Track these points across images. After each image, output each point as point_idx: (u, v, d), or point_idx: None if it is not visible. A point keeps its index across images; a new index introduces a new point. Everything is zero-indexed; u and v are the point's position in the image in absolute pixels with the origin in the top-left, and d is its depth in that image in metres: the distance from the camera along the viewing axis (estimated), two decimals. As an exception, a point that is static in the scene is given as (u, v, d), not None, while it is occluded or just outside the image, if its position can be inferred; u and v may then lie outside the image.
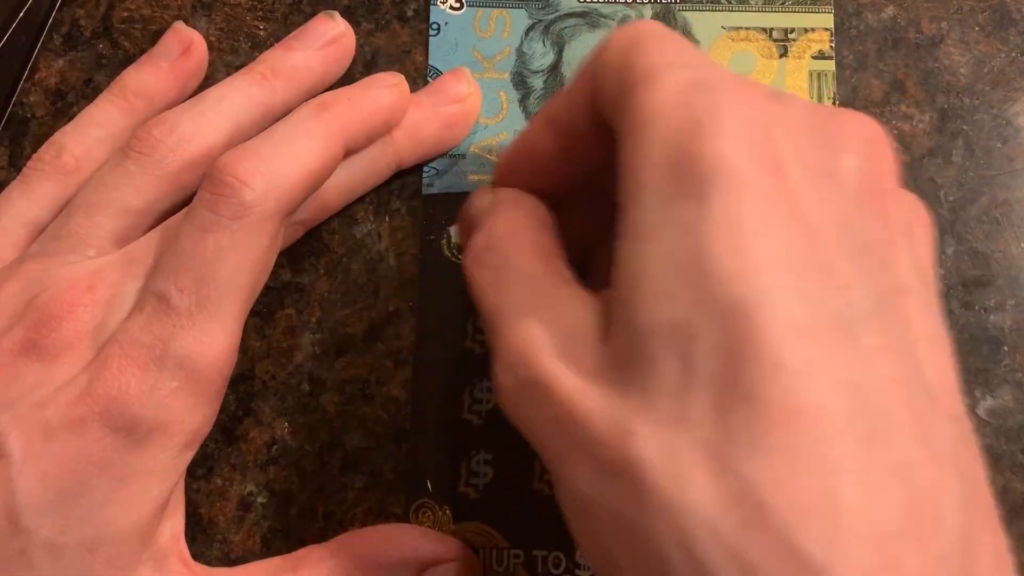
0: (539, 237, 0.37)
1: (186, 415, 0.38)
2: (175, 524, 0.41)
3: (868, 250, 0.30)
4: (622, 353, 0.30)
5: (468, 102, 0.48)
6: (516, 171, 0.40)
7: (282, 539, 0.45)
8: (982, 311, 0.46)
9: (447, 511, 0.45)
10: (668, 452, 0.28)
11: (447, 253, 0.47)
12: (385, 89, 0.45)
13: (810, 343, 0.28)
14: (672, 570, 0.27)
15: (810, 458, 0.27)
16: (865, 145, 0.32)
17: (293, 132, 0.41)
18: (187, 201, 0.42)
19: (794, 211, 0.29)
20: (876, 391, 0.28)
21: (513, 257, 0.36)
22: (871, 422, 0.28)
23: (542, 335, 0.32)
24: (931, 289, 0.32)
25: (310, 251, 0.48)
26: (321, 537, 0.44)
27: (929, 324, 0.31)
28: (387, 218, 0.48)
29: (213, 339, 0.38)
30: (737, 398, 0.27)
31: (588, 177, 0.39)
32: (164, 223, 0.41)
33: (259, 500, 0.45)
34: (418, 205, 0.48)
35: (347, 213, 0.48)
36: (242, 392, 0.46)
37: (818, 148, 0.31)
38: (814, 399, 0.27)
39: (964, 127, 0.48)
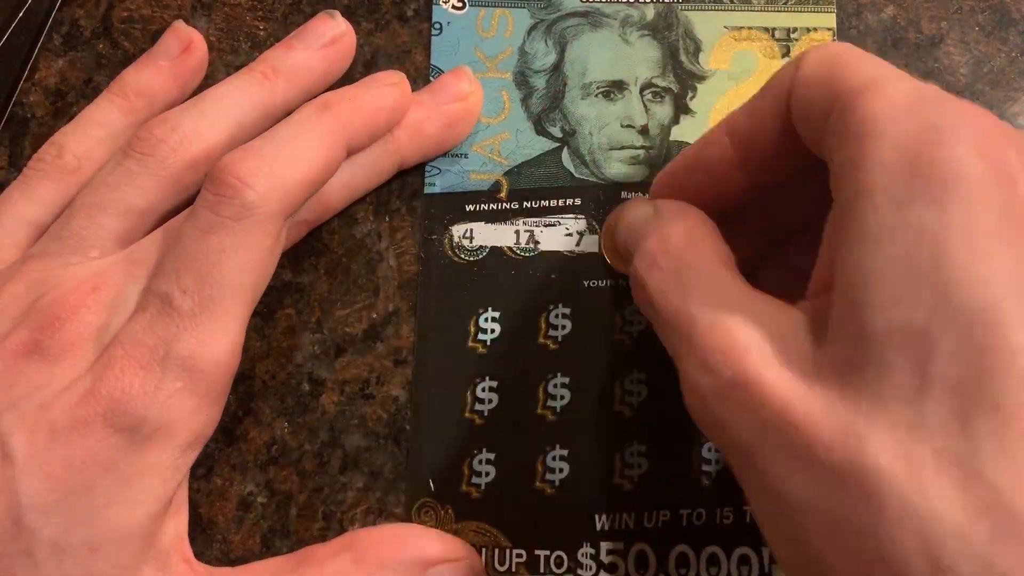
0: (719, 244, 0.37)
1: (189, 416, 0.38)
2: (178, 524, 0.41)
3: None
4: (846, 357, 0.30)
5: (470, 100, 0.48)
6: (685, 182, 0.40)
7: (282, 539, 0.45)
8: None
9: (449, 510, 0.45)
10: (906, 459, 0.27)
11: (448, 252, 0.47)
12: (386, 88, 0.45)
13: None
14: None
15: None
16: None
17: (295, 133, 0.41)
18: (189, 201, 0.42)
19: None
20: None
21: (694, 261, 0.36)
22: None
23: (748, 335, 0.32)
24: None
25: (310, 251, 0.47)
26: (321, 537, 0.45)
27: None
28: (387, 218, 0.48)
29: (216, 340, 0.38)
30: (982, 407, 0.27)
31: (757, 194, 0.40)
32: (166, 224, 0.41)
33: (259, 500, 0.45)
34: (419, 205, 0.48)
35: (347, 213, 0.48)
36: (242, 392, 0.46)
37: None
38: None
39: (964, 127, 0.48)
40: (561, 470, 0.45)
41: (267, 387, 0.46)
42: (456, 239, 0.47)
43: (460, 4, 0.50)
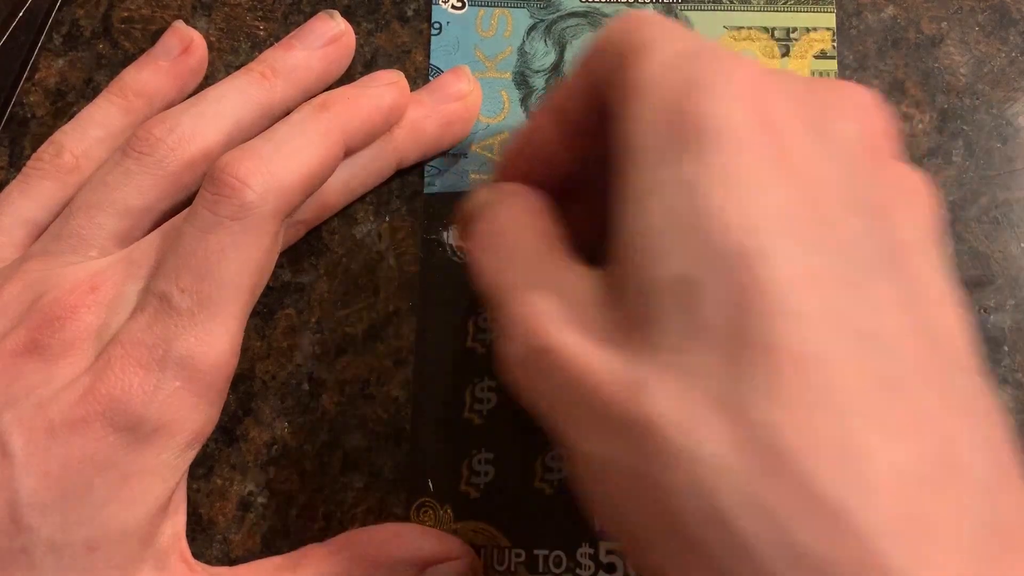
0: (541, 221, 0.37)
1: (188, 415, 0.38)
2: (176, 523, 0.41)
3: (868, 209, 0.30)
4: (629, 314, 0.30)
5: (468, 99, 0.48)
6: (518, 163, 0.40)
7: (282, 539, 0.45)
8: (982, 311, 0.46)
9: (448, 510, 0.45)
10: (680, 404, 0.28)
11: (448, 252, 0.47)
12: (385, 87, 0.45)
13: (817, 292, 0.28)
14: (690, 520, 0.27)
15: (825, 404, 0.27)
16: (861, 111, 0.33)
17: (293, 132, 0.41)
18: (188, 201, 0.42)
19: (792, 167, 0.29)
20: (886, 341, 0.28)
21: (516, 239, 0.36)
22: (884, 370, 0.28)
23: (548, 305, 0.32)
24: (936, 249, 0.32)
25: (310, 251, 0.48)
26: (321, 537, 0.44)
27: (936, 281, 0.31)
28: (387, 218, 0.48)
29: (215, 339, 0.38)
30: (746, 347, 0.27)
31: (588, 170, 0.39)
32: (165, 224, 0.41)
33: (259, 500, 0.45)
34: (418, 204, 0.48)
35: (347, 213, 0.48)
36: (242, 392, 0.46)
37: (814, 112, 0.31)
38: (824, 346, 0.27)
39: (964, 127, 0.48)
40: (560, 470, 0.45)
41: (267, 387, 0.46)
42: (456, 239, 0.47)
43: (460, 4, 0.50)
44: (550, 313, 0.32)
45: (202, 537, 0.45)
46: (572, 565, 0.44)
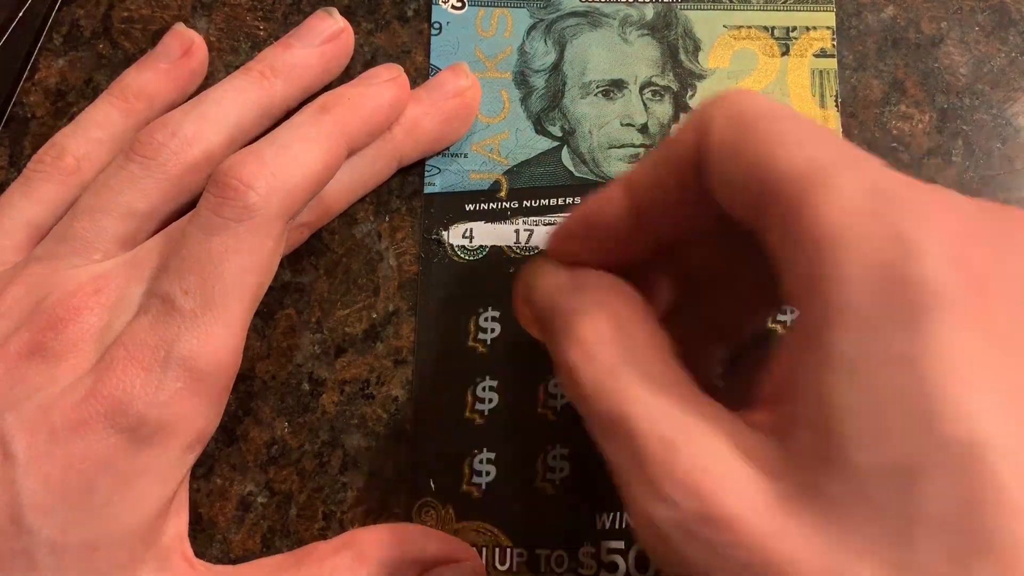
0: (657, 338, 0.34)
1: (190, 416, 0.38)
2: (178, 524, 0.41)
3: None
4: (825, 493, 0.28)
5: (467, 95, 0.48)
6: (583, 242, 0.38)
7: (282, 539, 0.45)
8: (982, 310, 0.46)
9: (450, 510, 0.45)
10: None
11: (449, 252, 0.47)
12: (385, 85, 0.45)
13: None
14: None
15: None
16: None
17: (296, 135, 0.41)
18: (191, 204, 0.42)
19: (1006, 339, 0.27)
20: None
21: (637, 357, 0.33)
22: None
23: (719, 464, 0.29)
24: None
25: (310, 251, 0.48)
26: (321, 537, 0.45)
27: None
28: (387, 218, 0.48)
29: (218, 340, 0.38)
30: (976, 548, 0.26)
31: (661, 250, 0.38)
32: (169, 227, 0.41)
33: (259, 500, 0.45)
34: (418, 204, 0.48)
35: (347, 213, 0.48)
36: (242, 392, 0.46)
37: (1004, 258, 0.29)
38: None
39: (964, 127, 0.48)
40: (562, 469, 0.45)
41: (267, 387, 0.46)
42: (456, 238, 0.47)
43: (459, 4, 0.50)
44: (723, 475, 0.29)
45: (202, 537, 0.45)
46: (574, 565, 0.44)
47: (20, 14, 0.50)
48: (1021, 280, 0.29)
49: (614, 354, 0.33)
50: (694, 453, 0.29)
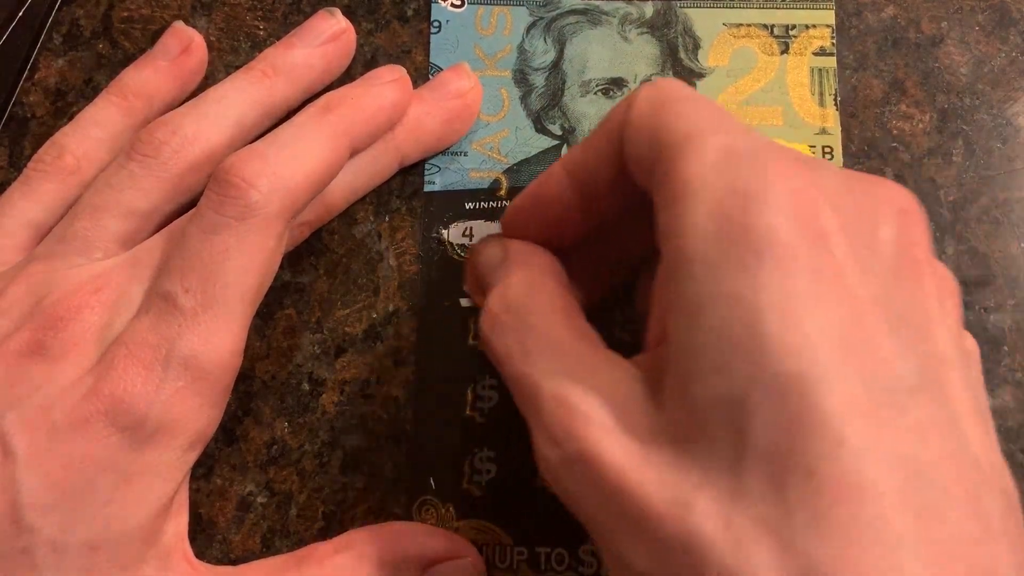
0: (559, 297, 0.37)
1: (191, 415, 0.38)
2: (179, 523, 0.41)
3: (907, 322, 0.30)
4: (676, 427, 0.30)
5: (469, 97, 0.48)
6: (528, 221, 0.40)
7: (282, 539, 0.45)
8: (982, 311, 0.46)
9: (450, 508, 0.45)
10: (728, 527, 0.28)
11: (449, 250, 0.47)
12: (387, 86, 0.45)
13: (866, 419, 0.28)
14: None
15: (872, 535, 0.27)
16: (899, 215, 0.32)
17: (298, 134, 0.41)
18: (191, 203, 0.42)
19: (841, 285, 0.29)
20: (928, 466, 0.28)
21: (536, 320, 0.36)
22: (926, 497, 0.27)
23: (587, 407, 0.32)
24: (968, 359, 0.32)
25: (310, 251, 0.48)
26: (321, 537, 0.45)
27: (971, 395, 0.31)
28: (387, 217, 0.48)
29: (219, 339, 0.38)
30: (796, 474, 0.27)
31: (600, 229, 0.40)
32: (169, 226, 0.41)
33: (259, 500, 0.45)
34: (418, 204, 0.48)
35: (347, 213, 0.48)
36: (242, 392, 0.46)
37: (857, 218, 0.31)
38: (873, 475, 0.27)
39: (964, 127, 0.48)
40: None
41: (267, 387, 0.46)
42: (456, 237, 0.47)
43: (459, 2, 0.50)
44: (591, 416, 0.32)
45: (202, 537, 0.45)
46: (574, 563, 0.44)
47: (20, 14, 0.50)
48: (866, 241, 0.31)
49: (517, 321, 0.36)
50: (577, 403, 0.32)
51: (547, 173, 0.39)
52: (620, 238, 0.42)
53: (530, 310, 0.36)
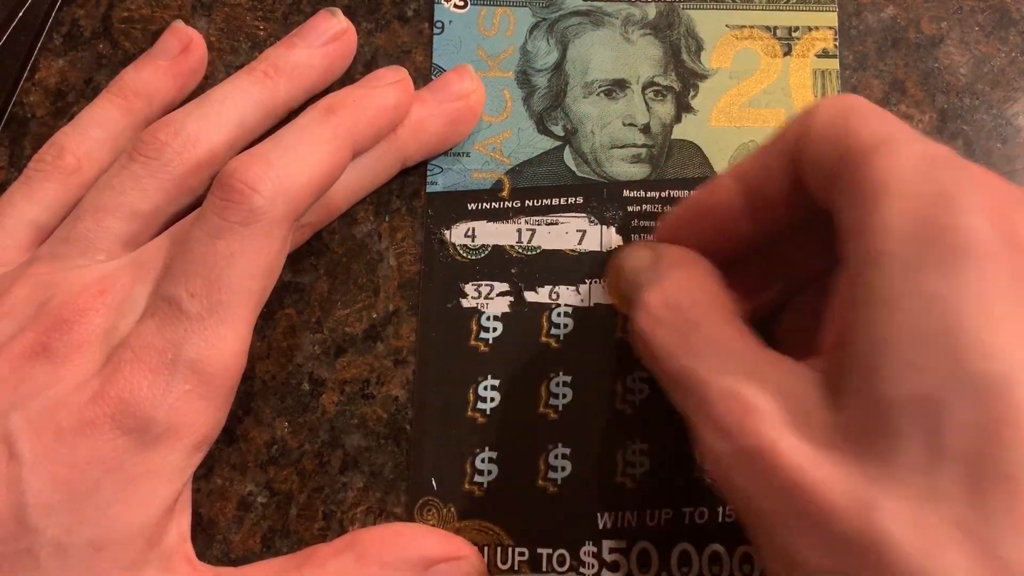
0: (722, 297, 0.37)
1: (197, 418, 0.38)
2: (182, 525, 0.41)
3: None
4: (860, 424, 0.30)
5: (472, 98, 0.48)
6: (688, 228, 0.41)
7: (282, 539, 0.45)
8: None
9: (451, 509, 0.45)
10: (918, 528, 0.27)
11: (451, 251, 0.47)
12: (390, 87, 0.45)
13: None
14: None
15: None
16: None
17: (300, 137, 0.41)
18: (194, 203, 0.42)
19: None
20: None
21: (699, 317, 0.36)
22: None
23: (761, 401, 0.32)
24: None
25: (310, 251, 0.48)
26: (321, 537, 0.45)
27: None
28: (387, 218, 0.48)
29: (224, 343, 0.38)
30: (995, 478, 0.27)
31: (767, 241, 0.40)
32: (172, 227, 0.41)
33: (259, 500, 0.45)
34: (419, 204, 0.48)
35: (347, 213, 0.48)
36: (242, 392, 0.46)
37: None
38: None
39: (964, 127, 0.48)
40: (563, 468, 0.45)
41: (267, 387, 0.46)
42: (458, 237, 0.47)
43: (462, 3, 0.50)
44: (766, 411, 0.32)
45: (202, 537, 0.45)
46: (576, 564, 0.44)
47: (20, 14, 0.50)
48: None
49: (678, 318, 0.36)
50: (747, 397, 0.32)
51: (714, 182, 0.40)
52: (779, 255, 0.42)
53: (693, 307, 0.37)
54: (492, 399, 0.46)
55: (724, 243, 0.40)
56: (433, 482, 0.45)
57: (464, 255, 0.47)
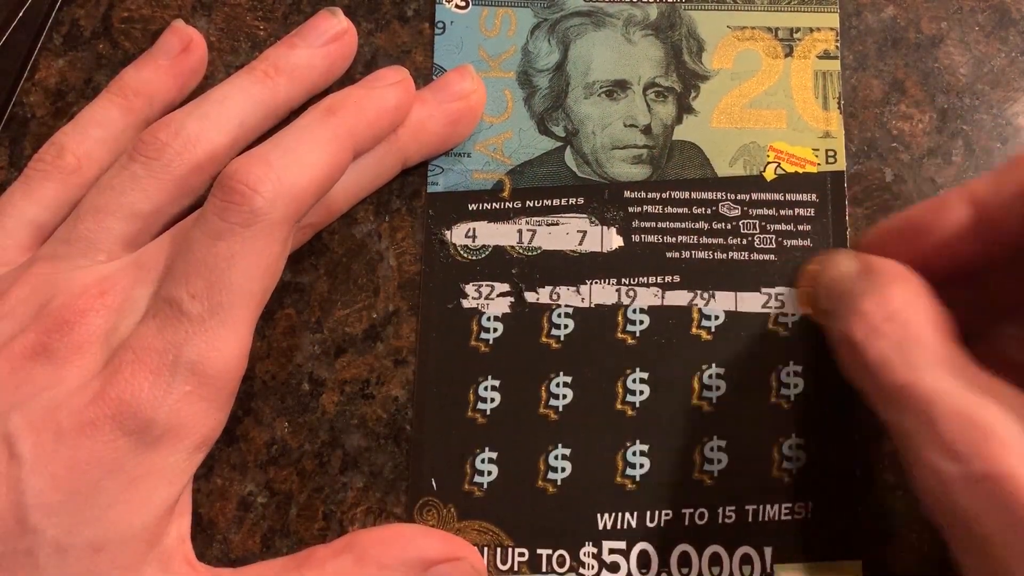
0: (942, 317, 0.36)
1: (198, 419, 0.38)
2: (182, 526, 0.41)
3: None
4: None
5: (472, 98, 0.48)
6: (906, 243, 0.40)
7: (282, 539, 0.45)
8: (981, 310, 0.46)
9: (451, 509, 0.45)
10: None
11: (452, 251, 0.47)
12: (391, 88, 0.45)
13: None
14: None
15: None
16: None
17: (301, 138, 0.41)
18: (195, 204, 0.42)
19: None
20: None
21: (921, 332, 0.35)
22: None
23: (999, 428, 0.31)
24: None
25: (310, 251, 0.48)
26: (321, 537, 0.45)
27: None
28: (387, 218, 0.48)
29: (225, 344, 0.38)
30: None
31: (981, 267, 0.39)
32: (173, 228, 0.41)
33: (259, 500, 0.45)
34: (419, 204, 0.48)
35: (347, 213, 0.48)
36: (242, 392, 0.46)
37: None
38: None
39: (964, 127, 0.48)
40: (563, 469, 0.45)
41: (267, 387, 0.46)
42: (459, 238, 0.47)
43: (463, 3, 0.50)
44: (1005, 438, 0.31)
45: (202, 537, 0.45)
46: (575, 564, 0.44)
47: (20, 14, 0.50)
48: None
49: (899, 330, 0.36)
50: (988, 422, 0.32)
51: (939, 200, 0.39)
52: (998, 283, 0.41)
53: (915, 323, 0.36)
54: (492, 400, 0.46)
55: (943, 263, 0.39)
56: (433, 482, 0.45)
57: (465, 255, 0.47)
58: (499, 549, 0.45)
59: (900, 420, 0.35)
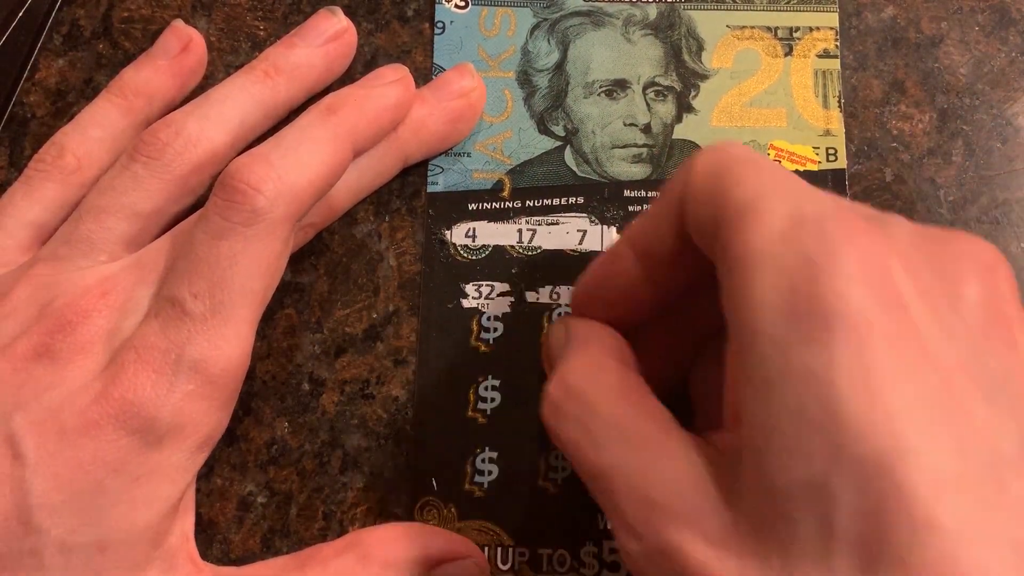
0: (623, 378, 0.36)
1: (200, 418, 0.38)
2: (185, 524, 0.41)
3: (1003, 386, 0.29)
4: (756, 513, 0.29)
5: (472, 96, 0.48)
6: (594, 299, 0.40)
7: (282, 539, 0.45)
8: (981, 310, 0.46)
9: (452, 509, 0.45)
10: None
11: (452, 251, 0.47)
12: (391, 86, 0.45)
13: (961, 497, 0.26)
14: None
15: None
16: (984, 272, 0.31)
17: (302, 138, 0.41)
18: (196, 203, 0.42)
19: (923, 352, 0.28)
20: None
21: (600, 405, 0.35)
22: None
23: (664, 499, 0.31)
24: None
25: (310, 251, 0.48)
26: (321, 537, 0.45)
27: None
28: (387, 218, 0.48)
29: (227, 343, 0.38)
30: (887, 562, 0.26)
31: (670, 303, 0.39)
32: (174, 228, 0.41)
33: (259, 500, 0.45)
34: (419, 204, 0.48)
35: (347, 213, 0.48)
36: (242, 392, 0.45)
37: (936, 279, 0.30)
38: (974, 560, 0.26)
39: (964, 127, 0.48)
40: (564, 468, 0.45)
41: (267, 387, 0.46)
42: (459, 238, 0.47)
43: (463, 3, 0.50)
44: (669, 509, 0.31)
45: (202, 537, 0.45)
46: (576, 564, 0.44)
47: (20, 14, 0.50)
48: (949, 303, 0.29)
49: (579, 407, 0.35)
50: (654, 496, 0.31)
51: (611, 250, 0.39)
52: (692, 313, 0.40)
53: (593, 395, 0.35)
54: (493, 399, 0.46)
55: (628, 311, 0.39)
56: (433, 482, 0.45)
57: (465, 255, 0.47)
58: (499, 549, 0.45)
59: (596, 497, 0.34)
